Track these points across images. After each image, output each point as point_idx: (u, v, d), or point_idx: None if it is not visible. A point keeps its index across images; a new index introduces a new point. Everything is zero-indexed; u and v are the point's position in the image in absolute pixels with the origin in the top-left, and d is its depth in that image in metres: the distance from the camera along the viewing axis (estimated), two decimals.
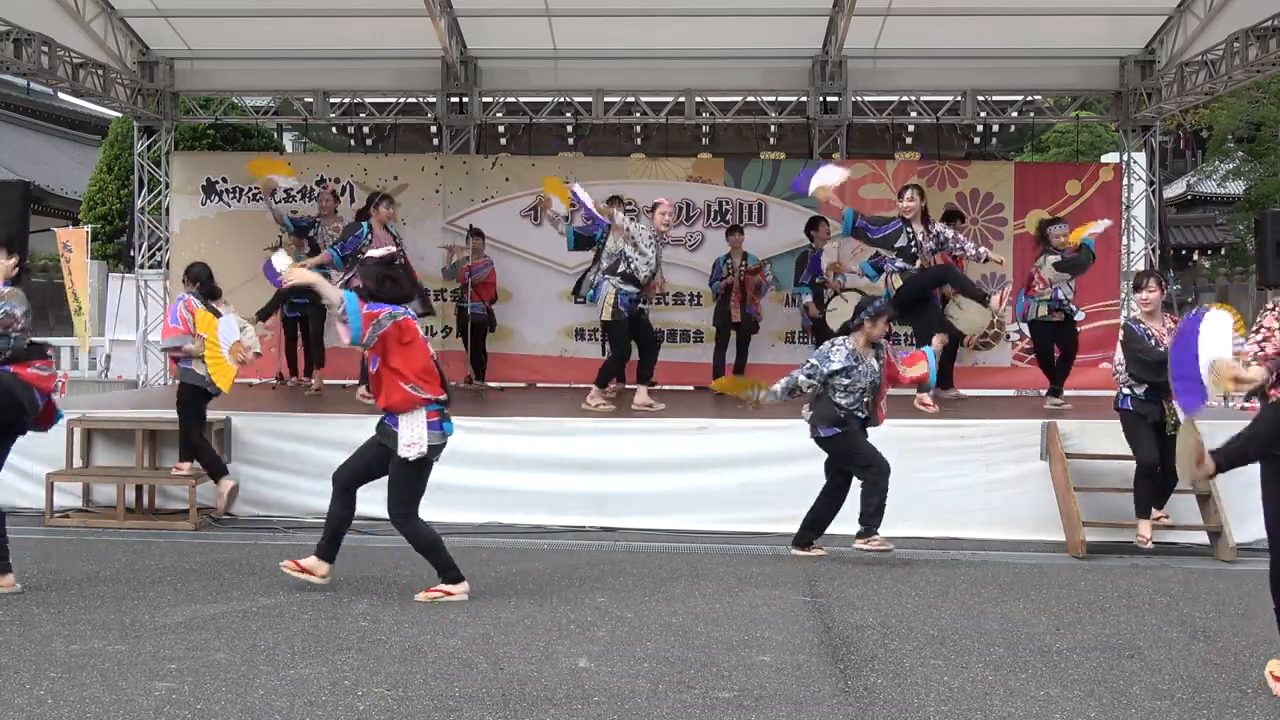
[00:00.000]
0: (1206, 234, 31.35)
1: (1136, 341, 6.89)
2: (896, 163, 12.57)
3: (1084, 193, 11.84)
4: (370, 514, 7.73)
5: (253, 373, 11.52)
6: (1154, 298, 6.94)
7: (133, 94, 11.90)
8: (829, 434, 6.71)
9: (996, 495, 7.61)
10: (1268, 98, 23.40)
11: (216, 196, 12.14)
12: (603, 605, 5.52)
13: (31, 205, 12.05)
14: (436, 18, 10.33)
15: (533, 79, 12.14)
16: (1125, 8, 10.94)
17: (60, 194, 26.39)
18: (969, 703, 4.20)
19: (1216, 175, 27.64)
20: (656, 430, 8.08)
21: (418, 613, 5.37)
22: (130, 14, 11.41)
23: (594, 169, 12.58)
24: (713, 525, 7.62)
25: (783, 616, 5.40)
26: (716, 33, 11.37)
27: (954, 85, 12.01)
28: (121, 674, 4.36)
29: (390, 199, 9.70)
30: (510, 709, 4.05)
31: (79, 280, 15.84)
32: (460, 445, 7.91)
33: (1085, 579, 6.40)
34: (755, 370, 10.91)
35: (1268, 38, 9.39)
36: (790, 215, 11.69)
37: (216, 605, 5.45)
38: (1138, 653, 4.89)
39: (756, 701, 4.16)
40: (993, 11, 10.74)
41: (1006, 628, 5.27)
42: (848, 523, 7.49)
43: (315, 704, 4.06)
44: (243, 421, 8.01)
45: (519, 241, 11.84)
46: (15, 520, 7.68)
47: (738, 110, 13.00)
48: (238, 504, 7.87)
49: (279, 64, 12.08)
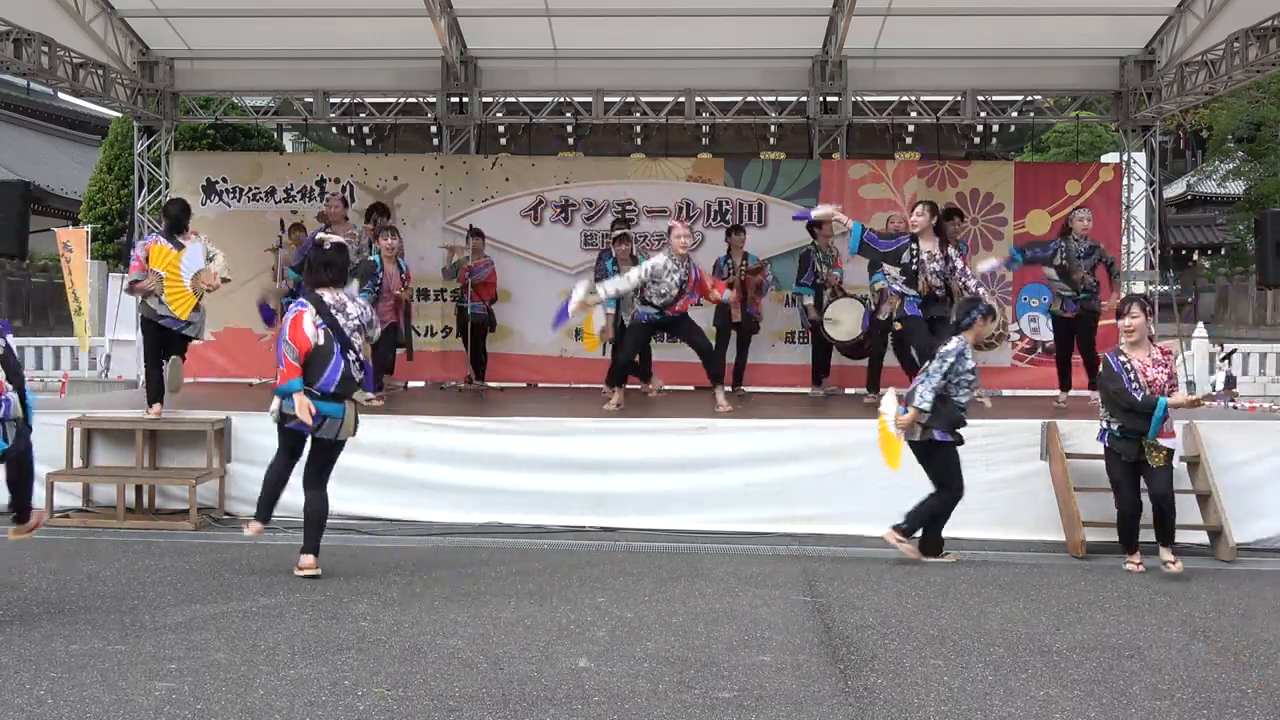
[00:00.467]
0: (1206, 234, 31.39)
1: (1113, 380, 6.39)
2: (896, 163, 12.56)
3: (1084, 193, 11.84)
4: (370, 514, 7.78)
5: (253, 373, 11.56)
6: (1137, 324, 6.39)
7: (133, 94, 11.90)
8: (945, 439, 6.58)
9: (996, 495, 7.60)
10: (1268, 98, 23.44)
11: (216, 196, 12.14)
12: (603, 605, 5.52)
13: (31, 205, 12.04)
14: (436, 18, 10.34)
15: (533, 79, 12.14)
16: (1125, 8, 10.94)
17: (60, 194, 26.42)
18: (969, 703, 4.20)
19: (1216, 175, 27.69)
20: (656, 430, 8.08)
21: (418, 613, 5.37)
22: (130, 14, 11.41)
23: (594, 169, 12.58)
24: (713, 525, 7.61)
25: (783, 616, 5.40)
26: (716, 33, 11.37)
27: (954, 85, 12.01)
28: (121, 674, 4.36)
29: (394, 230, 9.64)
30: (510, 709, 4.05)
31: (79, 280, 15.86)
32: (460, 445, 7.98)
33: (1085, 579, 6.40)
34: (754, 370, 10.95)
35: (1268, 38, 9.39)
36: (790, 216, 11.69)
37: (216, 605, 5.45)
38: (1138, 653, 4.89)
39: (756, 701, 4.16)
40: (993, 11, 10.74)
41: (1006, 628, 5.27)
42: (851, 522, 7.54)
43: (315, 704, 4.06)
44: (243, 421, 8.00)
45: (519, 241, 11.84)
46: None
47: (738, 110, 13.01)
48: (237, 504, 7.89)
49: (279, 64, 12.08)
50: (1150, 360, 6.38)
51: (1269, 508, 7.44)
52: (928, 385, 6.51)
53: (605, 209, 11.83)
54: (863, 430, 7.94)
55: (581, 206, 11.93)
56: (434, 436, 7.97)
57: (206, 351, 11.93)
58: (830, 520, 7.57)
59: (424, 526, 7.58)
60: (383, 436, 7.91)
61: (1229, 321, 27.13)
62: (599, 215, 11.89)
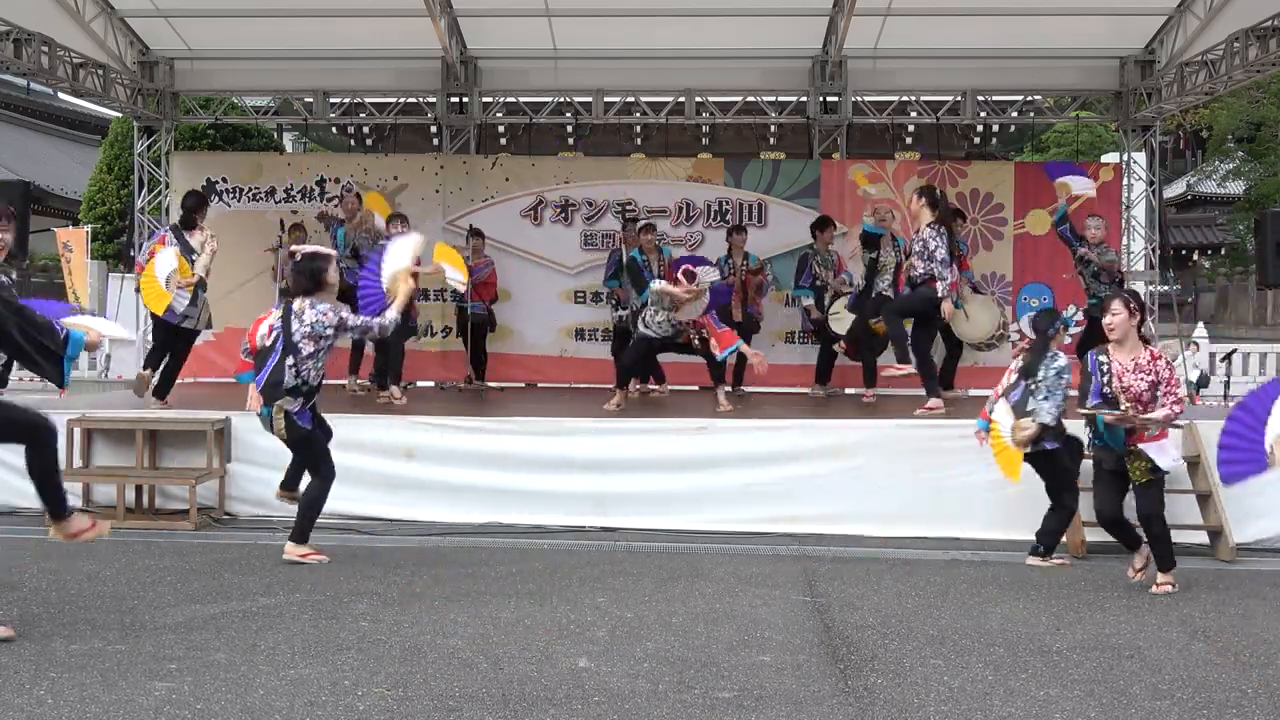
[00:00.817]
0: (1206, 234, 31.38)
1: (1084, 378, 6.01)
2: (896, 163, 12.57)
3: None
4: (370, 514, 7.78)
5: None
6: (1117, 321, 5.88)
7: (133, 94, 11.90)
8: (1054, 447, 6.49)
9: (997, 495, 7.59)
10: (1268, 98, 23.44)
11: (216, 196, 12.13)
12: (603, 605, 5.52)
13: (31, 205, 12.06)
14: (436, 18, 10.34)
15: (533, 79, 12.15)
16: (1125, 8, 10.94)
17: (60, 194, 26.41)
18: (969, 703, 4.20)
19: (1216, 175, 27.68)
20: (656, 430, 8.08)
21: (418, 613, 5.37)
22: (130, 14, 11.41)
23: (594, 169, 12.59)
24: (713, 525, 7.61)
25: (783, 616, 5.40)
26: (716, 33, 11.38)
27: (954, 85, 12.01)
28: (121, 674, 4.36)
29: (404, 219, 9.75)
30: (510, 709, 4.05)
31: (79, 280, 15.87)
32: (460, 445, 7.98)
33: (1085, 579, 6.39)
34: (754, 369, 10.92)
35: (1268, 38, 9.39)
36: (790, 215, 11.72)
37: (216, 605, 5.44)
38: (1138, 653, 4.89)
39: (756, 701, 4.16)
40: (993, 11, 10.74)
41: (1006, 628, 5.27)
42: (851, 522, 7.54)
43: (315, 704, 4.06)
44: (243, 422, 7.99)
45: (519, 241, 11.85)
46: (15, 520, 7.72)
47: (738, 110, 13.01)
48: (237, 504, 7.90)
49: (279, 64, 12.09)
50: (1133, 364, 5.89)
51: (1269, 508, 7.43)
52: (1053, 401, 6.35)
53: (605, 209, 11.84)
54: (863, 430, 7.97)
55: (581, 206, 11.94)
56: (434, 436, 7.97)
57: (207, 351, 11.92)
58: (830, 520, 7.56)
59: (424, 526, 7.58)
60: (383, 436, 7.92)
61: (1229, 321, 27.15)
62: (599, 215, 11.90)
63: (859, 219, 11.73)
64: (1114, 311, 5.92)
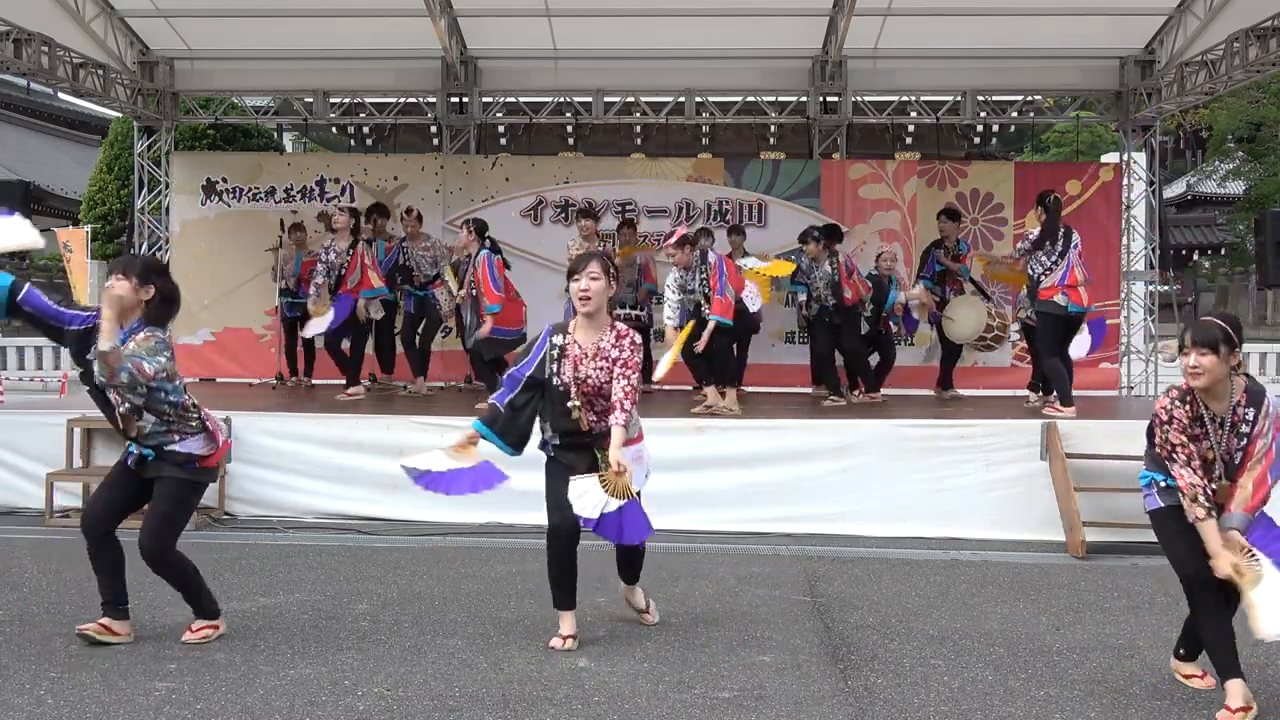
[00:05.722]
0: (1206, 234, 31.35)
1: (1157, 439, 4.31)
2: (896, 163, 12.56)
3: (1084, 193, 11.86)
4: (370, 514, 7.78)
5: (253, 373, 11.56)
6: (1208, 363, 4.09)
7: (133, 94, 11.90)
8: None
9: (996, 495, 7.61)
10: (1268, 98, 23.42)
11: (216, 197, 12.14)
12: (603, 605, 5.52)
13: (31, 205, 12.06)
14: (436, 18, 10.33)
15: (533, 79, 12.14)
16: (1125, 8, 10.94)
17: (60, 194, 26.41)
18: (969, 703, 4.20)
19: (1216, 175, 27.65)
20: (656, 430, 8.00)
21: (418, 613, 5.37)
22: (130, 14, 11.40)
23: (594, 169, 12.59)
24: (713, 525, 7.61)
25: (783, 616, 5.40)
26: (716, 33, 11.37)
27: (954, 85, 12.00)
28: (121, 674, 4.36)
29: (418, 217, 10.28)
30: (510, 709, 4.05)
31: (79, 280, 15.85)
32: None
33: (1085, 579, 6.40)
34: (755, 369, 10.93)
35: (1268, 38, 9.39)
36: (790, 215, 11.72)
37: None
38: (1138, 653, 4.89)
39: (756, 701, 4.16)
40: (993, 11, 10.74)
41: (1006, 628, 5.27)
42: (851, 522, 7.54)
43: (315, 704, 4.06)
44: (243, 421, 7.99)
45: (519, 241, 11.82)
46: (15, 520, 7.72)
47: (738, 110, 13.01)
48: (237, 504, 7.89)
49: (279, 64, 12.07)
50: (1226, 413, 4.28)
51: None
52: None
53: (605, 209, 11.83)
54: (863, 430, 7.96)
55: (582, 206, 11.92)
56: (434, 437, 7.95)
57: (207, 351, 11.94)
58: (830, 520, 7.56)
59: (424, 526, 7.57)
60: (383, 436, 7.92)
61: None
62: (599, 215, 11.87)
63: (859, 219, 11.79)
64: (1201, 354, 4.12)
